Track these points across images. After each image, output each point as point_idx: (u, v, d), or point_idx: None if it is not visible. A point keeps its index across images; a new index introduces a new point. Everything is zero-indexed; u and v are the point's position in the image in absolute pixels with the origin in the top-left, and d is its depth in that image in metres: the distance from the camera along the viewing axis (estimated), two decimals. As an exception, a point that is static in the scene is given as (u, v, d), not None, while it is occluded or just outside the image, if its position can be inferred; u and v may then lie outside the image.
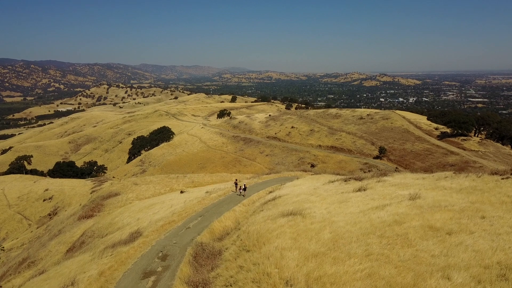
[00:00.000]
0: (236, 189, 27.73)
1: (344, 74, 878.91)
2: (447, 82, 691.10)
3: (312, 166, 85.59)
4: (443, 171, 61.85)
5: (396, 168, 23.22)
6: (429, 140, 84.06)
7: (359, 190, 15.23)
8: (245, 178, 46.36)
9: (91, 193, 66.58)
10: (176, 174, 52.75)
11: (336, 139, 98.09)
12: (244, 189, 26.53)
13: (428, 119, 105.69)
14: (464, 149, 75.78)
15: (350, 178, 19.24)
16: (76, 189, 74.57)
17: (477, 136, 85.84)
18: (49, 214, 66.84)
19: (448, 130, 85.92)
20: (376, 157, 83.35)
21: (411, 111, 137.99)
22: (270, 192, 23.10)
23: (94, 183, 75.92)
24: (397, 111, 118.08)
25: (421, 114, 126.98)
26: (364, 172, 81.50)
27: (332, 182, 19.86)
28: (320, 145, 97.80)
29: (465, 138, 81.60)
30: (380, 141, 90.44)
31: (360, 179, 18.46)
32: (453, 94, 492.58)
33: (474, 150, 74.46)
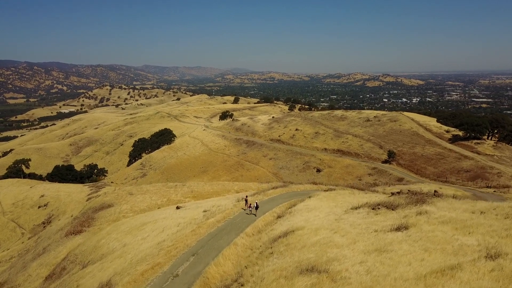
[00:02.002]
0: (246, 206, 25.09)
1: (347, 75, 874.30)
2: (451, 82, 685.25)
3: (318, 171, 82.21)
4: (458, 177, 57.87)
5: (435, 192, 19.44)
6: (440, 144, 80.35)
7: (399, 229, 11.77)
8: (249, 188, 43.12)
9: (87, 200, 63.65)
10: (175, 183, 49.64)
11: (342, 142, 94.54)
12: (256, 207, 23.79)
13: (437, 121, 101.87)
14: (479, 153, 72.02)
15: (379, 205, 15.69)
16: (72, 195, 71.60)
17: (491, 139, 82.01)
18: (43, 223, 63.93)
19: (461, 133, 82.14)
20: (385, 162, 79.77)
21: (419, 113, 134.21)
22: (279, 217, 19.66)
23: (91, 189, 72.96)
24: (405, 113, 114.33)
25: (429, 115, 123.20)
26: (374, 177, 77.83)
27: (355, 209, 16.35)
28: (325, 149, 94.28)
29: (478, 141, 77.81)
30: (389, 144, 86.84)
31: (393, 208, 14.92)
32: (456, 95, 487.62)
33: (489, 155, 70.68)
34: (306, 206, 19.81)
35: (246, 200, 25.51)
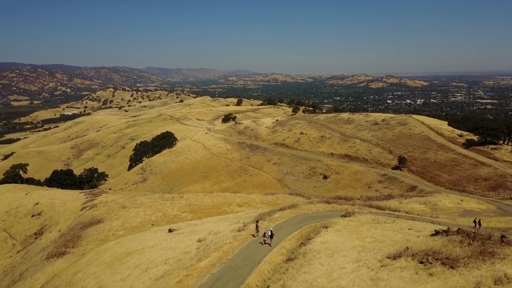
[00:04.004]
0: (256, 233, 21.97)
1: (350, 76, 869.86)
2: (455, 83, 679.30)
3: (325, 177, 78.43)
4: (477, 186, 53.83)
5: (503, 237, 15.45)
6: (454, 149, 76.24)
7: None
8: (252, 200, 39.56)
9: (81, 210, 60.49)
10: (172, 194, 46.20)
11: (350, 146, 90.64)
12: (271, 236, 20.57)
13: (449, 124, 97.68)
14: (496, 160, 67.88)
15: (428, 255, 11.84)
16: (67, 204, 68.37)
17: (508, 144, 77.79)
18: (35, 233, 60.77)
19: (475, 138, 77.98)
20: (395, 168, 75.82)
21: (427, 115, 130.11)
22: (290, 259, 15.97)
23: (86, 197, 69.73)
24: (414, 116, 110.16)
25: (439, 118, 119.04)
26: (384, 184, 73.73)
27: (394, 258, 12.55)
28: (332, 153, 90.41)
29: (495, 146, 73.62)
30: (398, 149, 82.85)
31: (452, 264, 11.04)
32: (461, 96, 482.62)
33: (508, 161, 66.51)
34: (325, 245, 15.96)
35: (257, 226, 22.00)
